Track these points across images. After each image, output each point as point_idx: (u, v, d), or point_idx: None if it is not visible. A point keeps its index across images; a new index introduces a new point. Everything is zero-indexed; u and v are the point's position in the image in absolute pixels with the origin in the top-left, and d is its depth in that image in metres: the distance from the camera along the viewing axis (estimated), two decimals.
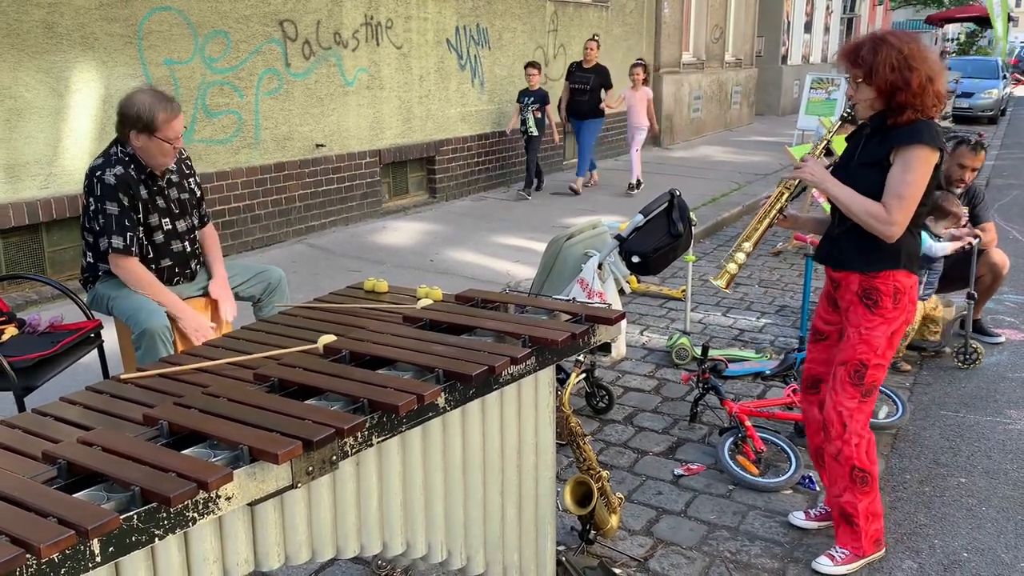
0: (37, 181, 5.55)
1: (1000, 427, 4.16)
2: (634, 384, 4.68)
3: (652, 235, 3.67)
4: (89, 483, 1.52)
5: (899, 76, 2.69)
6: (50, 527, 1.30)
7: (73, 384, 4.24)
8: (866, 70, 2.75)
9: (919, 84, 2.69)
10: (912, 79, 2.68)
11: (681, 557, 3.10)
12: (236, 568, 1.65)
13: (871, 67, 2.73)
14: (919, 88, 2.69)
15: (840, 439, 2.92)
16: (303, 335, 2.35)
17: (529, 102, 9.55)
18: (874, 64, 2.72)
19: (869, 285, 2.84)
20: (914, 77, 2.68)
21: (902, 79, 2.69)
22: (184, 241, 3.63)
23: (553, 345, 2.18)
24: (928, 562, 3.07)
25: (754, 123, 18.33)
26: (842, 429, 2.91)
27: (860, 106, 2.85)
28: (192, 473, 1.46)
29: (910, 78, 2.68)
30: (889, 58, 2.70)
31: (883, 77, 2.71)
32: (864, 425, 2.92)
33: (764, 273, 7.06)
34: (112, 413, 1.84)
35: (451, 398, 1.99)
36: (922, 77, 2.69)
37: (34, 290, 5.64)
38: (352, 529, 1.90)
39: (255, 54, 6.92)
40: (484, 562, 2.33)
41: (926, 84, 2.70)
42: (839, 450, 2.93)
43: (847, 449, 2.91)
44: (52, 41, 5.50)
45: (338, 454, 1.72)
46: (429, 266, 6.68)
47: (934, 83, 2.71)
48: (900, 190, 2.71)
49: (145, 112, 3.31)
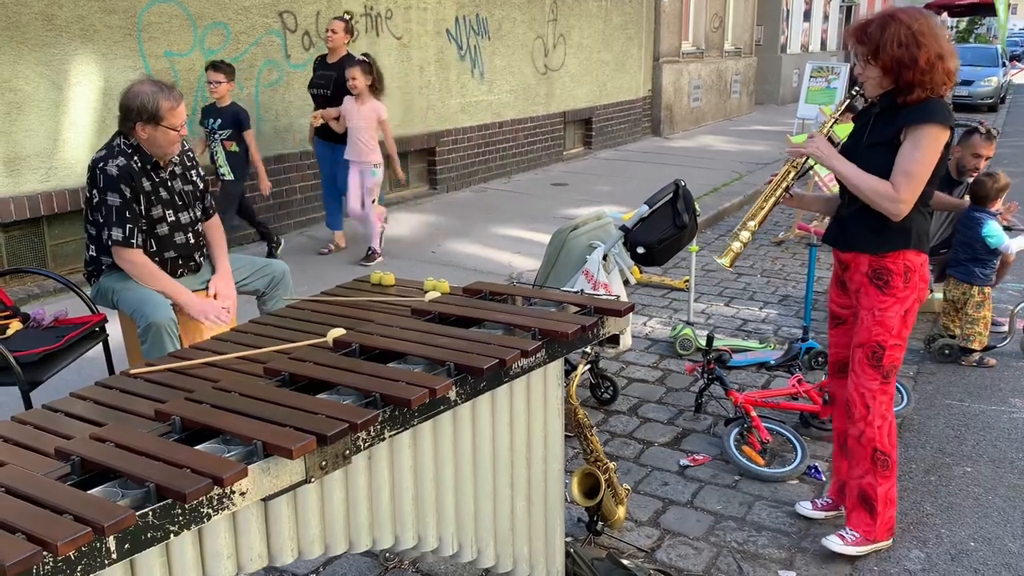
0: (38, 174, 5.53)
1: (1005, 416, 4.16)
2: (638, 375, 4.68)
3: (657, 226, 3.66)
4: (103, 479, 1.51)
5: (906, 52, 2.64)
6: (66, 524, 1.30)
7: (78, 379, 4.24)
8: (873, 47, 2.71)
9: (927, 61, 2.64)
10: (920, 56, 2.64)
11: (688, 548, 3.11)
12: (250, 563, 1.65)
13: (878, 44, 2.69)
14: (927, 65, 2.64)
15: (863, 420, 2.92)
16: (311, 329, 2.34)
17: (214, 127, 5.98)
18: (881, 41, 2.68)
19: (879, 265, 2.83)
20: (922, 54, 2.64)
21: (909, 56, 2.64)
22: (188, 233, 3.62)
23: (563, 338, 2.18)
24: (936, 551, 3.07)
25: (754, 112, 18.29)
26: (865, 411, 2.91)
27: (868, 84, 2.81)
28: (207, 469, 1.45)
29: (917, 55, 2.64)
30: (897, 34, 2.65)
31: (890, 54, 2.67)
32: (887, 407, 2.92)
33: (767, 263, 7.05)
34: (123, 408, 1.83)
35: (462, 391, 1.99)
36: (931, 54, 2.65)
37: (36, 284, 5.62)
38: (364, 523, 1.90)
39: (255, 45, 6.89)
40: (494, 555, 2.33)
41: (935, 61, 2.65)
42: (862, 432, 2.93)
43: (869, 431, 2.91)
44: (51, 33, 5.47)
45: (351, 448, 1.72)
46: (431, 257, 6.66)
47: (944, 61, 2.67)
48: (909, 167, 2.69)
49: (149, 103, 3.30)
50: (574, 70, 11.48)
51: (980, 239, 4.71)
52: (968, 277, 4.79)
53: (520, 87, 10.35)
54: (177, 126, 3.36)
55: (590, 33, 11.73)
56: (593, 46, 11.87)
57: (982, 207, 4.78)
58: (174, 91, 3.38)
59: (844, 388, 3.16)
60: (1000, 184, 4.77)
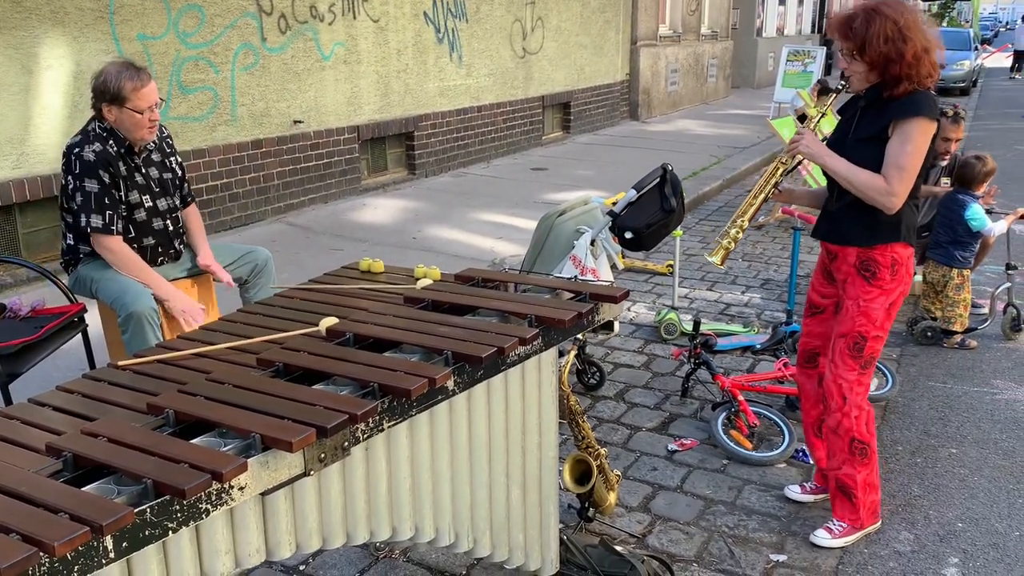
0: (9, 161, 5.40)
1: (987, 397, 4.20)
2: (623, 360, 4.67)
3: (645, 210, 3.63)
4: (96, 476, 1.46)
5: (893, 48, 2.65)
6: (63, 524, 1.25)
7: (55, 370, 4.15)
8: (859, 43, 2.70)
9: (914, 55, 2.65)
10: (906, 50, 2.64)
11: (680, 533, 3.11)
12: (248, 559, 1.61)
13: (864, 40, 2.68)
14: (914, 59, 2.65)
15: (840, 411, 2.92)
16: (302, 318, 2.29)
17: None
18: (867, 36, 2.67)
19: (867, 257, 2.83)
20: (908, 48, 2.64)
21: (896, 51, 2.65)
22: (167, 220, 3.55)
23: (560, 325, 2.15)
24: (924, 532, 3.09)
25: (730, 96, 18.31)
26: (842, 401, 2.91)
27: (854, 79, 2.81)
28: (205, 464, 1.41)
29: (904, 49, 2.64)
30: (883, 29, 2.65)
31: (876, 49, 2.67)
32: (863, 397, 2.92)
33: (747, 247, 7.07)
34: (112, 402, 1.78)
35: (460, 380, 1.95)
36: (917, 48, 2.65)
37: (8, 273, 5.50)
38: (362, 515, 1.87)
39: (230, 28, 6.76)
40: (490, 544, 2.30)
41: (921, 55, 2.66)
42: (839, 422, 2.94)
43: (847, 421, 2.92)
44: (20, 16, 5.33)
45: (350, 440, 1.68)
46: (412, 243, 6.61)
47: (929, 54, 2.68)
48: (900, 161, 2.69)
49: (112, 83, 3.22)
50: (552, 53, 11.41)
51: (962, 221, 4.74)
52: (948, 260, 4.83)
53: (498, 71, 10.27)
54: (142, 108, 3.27)
55: (568, 16, 11.66)
56: (571, 29, 11.80)
57: (967, 190, 4.81)
58: (142, 72, 3.28)
59: (811, 379, 3.18)
60: (988, 167, 4.80)
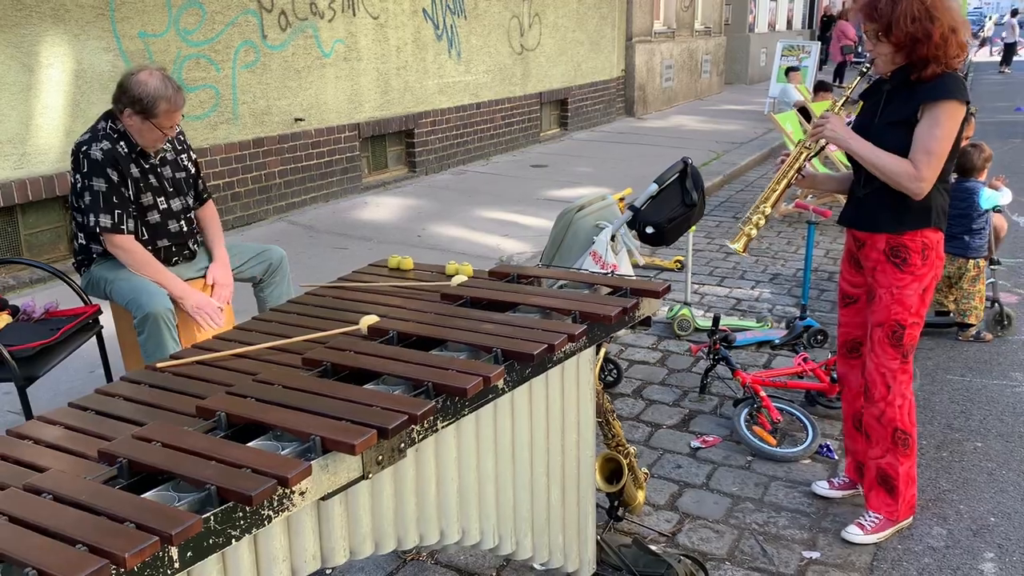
0: (11, 161, 5.31)
1: (1008, 390, 4.18)
2: (638, 357, 4.63)
3: (666, 205, 3.59)
4: (152, 482, 1.41)
5: (920, 28, 2.58)
6: (131, 534, 1.20)
7: (71, 373, 4.08)
8: (884, 24, 2.64)
9: (941, 35, 2.59)
10: (934, 30, 2.58)
11: (709, 531, 3.07)
12: (304, 566, 1.56)
13: (890, 20, 2.62)
14: (941, 39, 2.59)
15: (884, 400, 2.88)
16: (338, 316, 2.24)
17: None
18: (893, 17, 2.61)
19: (897, 243, 2.78)
20: (936, 28, 2.58)
21: (923, 31, 2.58)
22: (181, 220, 3.48)
23: (606, 321, 2.11)
24: (957, 527, 3.07)
25: (724, 92, 18.30)
26: (886, 391, 2.87)
27: (879, 61, 2.74)
28: (270, 468, 1.36)
29: (931, 29, 2.58)
30: (910, 9, 2.58)
31: (903, 30, 2.60)
32: (907, 386, 2.89)
33: (753, 242, 7.03)
34: (157, 405, 1.72)
35: (509, 379, 1.91)
36: (944, 28, 2.59)
37: (11, 275, 5.41)
38: (412, 518, 1.82)
39: (231, 26, 6.68)
40: (532, 546, 2.26)
41: (949, 35, 2.60)
42: (882, 412, 2.90)
43: (890, 411, 2.88)
44: (21, 14, 5.24)
45: (406, 441, 1.63)
46: (417, 242, 6.55)
47: (957, 34, 2.62)
48: (929, 145, 2.64)
49: (148, 98, 3.17)
50: (549, 50, 11.36)
51: (976, 207, 4.73)
52: (964, 250, 4.80)
53: (496, 67, 10.21)
54: (166, 127, 3.25)
55: (564, 12, 11.61)
56: (568, 26, 11.75)
57: (969, 178, 4.82)
58: (179, 94, 3.24)
59: (854, 369, 3.13)
60: (985, 155, 4.80)
